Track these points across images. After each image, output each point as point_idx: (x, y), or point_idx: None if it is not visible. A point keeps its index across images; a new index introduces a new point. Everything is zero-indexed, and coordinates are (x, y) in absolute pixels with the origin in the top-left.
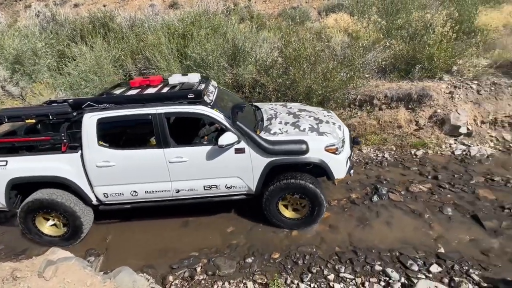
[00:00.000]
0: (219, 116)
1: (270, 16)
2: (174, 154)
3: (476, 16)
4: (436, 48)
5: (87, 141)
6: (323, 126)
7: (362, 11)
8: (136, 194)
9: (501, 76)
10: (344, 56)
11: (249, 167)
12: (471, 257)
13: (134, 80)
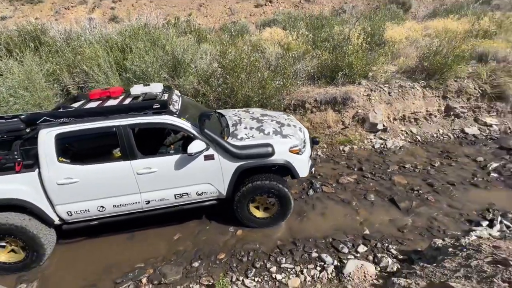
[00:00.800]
0: (186, 125)
1: (211, 30)
2: (142, 166)
3: (385, 30)
4: (354, 57)
5: (45, 158)
6: (286, 129)
7: (293, 25)
8: (103, 209)
9: (406, 79)
10: (277, 65)
11: (219, 172)
12: (390, 234)
13: (93, 92)
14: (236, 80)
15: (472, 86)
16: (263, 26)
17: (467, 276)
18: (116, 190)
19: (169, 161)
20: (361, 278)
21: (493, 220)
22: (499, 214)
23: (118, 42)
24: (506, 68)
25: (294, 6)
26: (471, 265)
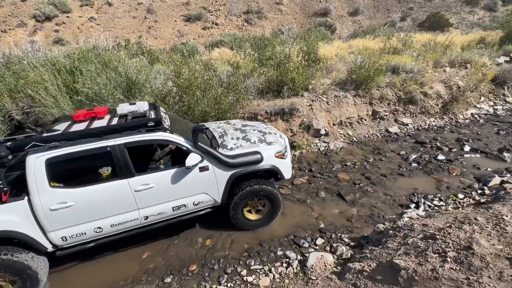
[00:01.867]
0: (180, 140)
1: (162, 51)
2: (139, 182)
3: (318, 49)
4: (295, 73)
5: (36, 184)
6: (268, 137)
7: (239, 46)
8: (100, 230)
9: (339, 90)
10: (229, 82)
11: (214, 182)
12: (341, 225)
13: (77, 113)
14: (192, 98)
15: (390, 93)
16: (212, 46)
17: (406, 253)
18: (114, 210)
19: (166, 176)
20: (322, 268)
21: (418, 202)
22: (422, 197)
23: (66, 64)
24: (413, 77)
25: (238, 28)
26: (408, 242)
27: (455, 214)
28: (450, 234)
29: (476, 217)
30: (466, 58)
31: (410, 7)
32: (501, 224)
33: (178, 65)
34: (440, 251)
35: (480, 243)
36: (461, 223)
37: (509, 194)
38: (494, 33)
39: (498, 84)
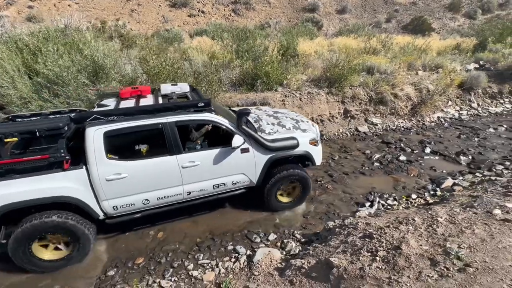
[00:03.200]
0: (225, 121)
1: (143, 35)
2: (186, 159)
3: (298, 44)
4: (270, 67)
5: (94, 155)
6: (302, 124)
7: (220, 36)
8: (147, 202)
9: (313, 87)
10: (199, 72)
11: (253, 163)
12: (296, 221)
13: (124, 90)
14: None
15: (363, 93)
16: (196, 35)
17: (344, 251)
18: (162, 183)
19: (210, 155)
20: (268, 264)
21: (373, 201)
22: (378, 196)
23: (29, 44)
24: (386, 78)
25: (225, 18)
26: (348, 241)
27: (398, 214)
28: (386, 234)
29: (414, 217)
30: (438, 63)
31: (396, 9)
32: (434, 225)
33: (148, 51)
34: (373, 250)
35: (410, 243)
36: (399, 223)
37: (453, 196)
38: (469, 40)
39: (466, 90)
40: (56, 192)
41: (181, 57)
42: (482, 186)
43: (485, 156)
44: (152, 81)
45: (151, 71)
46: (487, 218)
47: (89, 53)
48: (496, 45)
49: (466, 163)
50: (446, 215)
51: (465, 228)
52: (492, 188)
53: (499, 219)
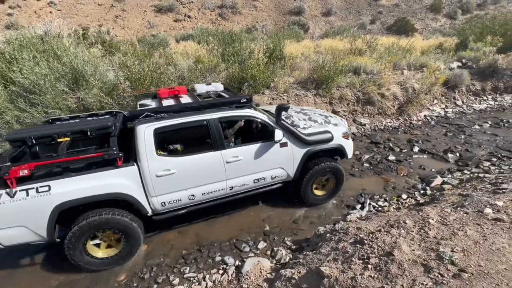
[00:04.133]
0: (264, 117)
1: (128, 42)
2: (230, 154)
3: (284, 47)
4: (256, 70)
5: (145, 152)
6: (332, 119)
7: (206, 40)
8: (193, 197)
9: (300, 89)
10: (183, 78)
11: (291, 158)
12: (287, 227)
13: (162, 90)
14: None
15: (350, 94)
16: (182, 40)
17: (335, 259)
18: (207, 179)
19: (252, 150)
20: (257, 275)
21: (364, 203)
22: (368, 197)
23: (5, 52)
24: (372, 79)
25: (212, 22)
26: (339, 247)
27: (389, 217)
28: (377, 239)
29: (406, 220)
30: (423, 62)
31: (380, 11)
32: (425, 227)
33: (130, 56)
34: (365, 257)
35: (402, 248)
36: (391, 226)
37: (443, 196)
38: (451, 40)
39: (450, 88)
40: (111, 189)
41: (166, 62)
42: (471, 184)
43: (472, 153)
44: (135, 87)
45: (133, 77)
46: (479, 218)
47: (67, 60)
48: (477, 43)
49: (454, 161)
50: (437, 216)
51: (457, 229)
52: (481, 185)
53: (490, 219)
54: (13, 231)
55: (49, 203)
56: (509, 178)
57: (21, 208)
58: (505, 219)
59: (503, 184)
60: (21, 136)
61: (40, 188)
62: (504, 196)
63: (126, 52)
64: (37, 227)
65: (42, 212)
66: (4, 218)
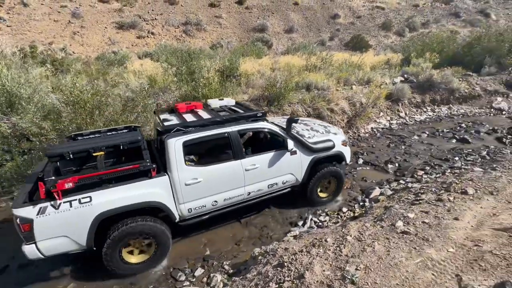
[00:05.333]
0: (277, 128)
1: (82, 60)
2: (249, 163)
3: (239, 65)
4: (207, 89)
5: (175, 162)
6: (331, 129)
7: (165, 59)
8: (216, 203)
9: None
10: (127, 100)
11: (299, 164)
12: (227, 250)
13: (180, 105)
14: (86, 116)
15: (301, 109)
16: (145, 56)
17: (256, 284)
18: (228, 185)
19: (267, 158)
20: None
21: (306, 219)
22: (311, 213)
23: None
24: (322, 94)
25: (176, 39)
26: (262, 272)
27: (317, 234)
28: (296, 260)
29: (327, 238)
30: (370, 77)
31: (337, 29)
32: (342, 245)
33: (79, 75)
34: (280, 281)
35: (314, 270)
36: (313, 245)
37: (372, 208)
38: (397, 56)
39: (394, 101)
40: (146, 198)
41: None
42: (399, 195)
43: (409, 163)
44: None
45: (70, 100)
46: (390, 232)
47: (0, 83)
48: (418, 59)
49: (393, 171)
50: (356, 232)
51: (367, 245)
52: (406, 196)
53: (399, 232)
54: (56, 241)
55: (91, 213)
56: (429, 188)
57: (65, 219)
58: (412, 231)
59: (423, 194)
60: (61, 152)
61: (82, 199)
62: (418, 207)
63: (78, 71)
64: (78, 236)
65: (84, 222)
66: (49, 229)
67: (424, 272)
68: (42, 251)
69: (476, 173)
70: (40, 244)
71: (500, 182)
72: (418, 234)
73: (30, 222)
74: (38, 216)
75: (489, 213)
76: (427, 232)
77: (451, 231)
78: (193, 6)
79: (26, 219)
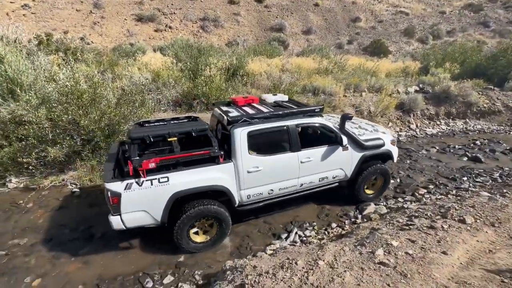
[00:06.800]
0: (331, 124)
1: (102, 49)
2: (304, 156)
3: (247, 64)
4: (208, 87)
5: (240, 151)
6: (379, 128)
7: (175, 53)
8: (272, 192)
9: None
10: (121, 95)
11: (350, 160)
12: (202, 258)
13: (237, 99)
14: (79, 108)
15: None
16: (161, 50)
17: None
18: (285, 176)
19: (321, 152)
20: None
21: (291, 232)
22: (297, 226)
23: None
24: (328, 100)
25: (193, 34)
26: None
27: (291, 254)
28: (259, 284)
29: (298, 260)
30: (383, 85)
31: (357, 32)
32: (311, 271)
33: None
34: None
35: None
36: (281, 267)
37: (358, 229)
38: (415, 64)
39: (406, 112)
40: (214, 182)
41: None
42: (391, 216)
43: (412, 179)
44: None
45: (64, 91)
46: (367, 261)
47: (3, 69)
48: (437, 69)
49: (393, 187)
50: (331, 256)
51: (338, 275)
52: (399, 218)
53: (377, 262)
54: (137, 215)
55: (168, 192)
56: (425, 211)
57: (146, 196)
58: (391, 263)
59: (416, 218)
60: (143, 135)
61: (161, 179)
62: (406, 233)
63: (90, 61)
64: (155, 212)
65: (162, 199)
66: (132, 204)
67: None
68: (125, 223)
69: (481, 198)
70: (124, 216)
71: (505, 212)
72: (397, 267)
73: (118, 196)
74: (125, 191)
75: (485, 249)
76: (407, 266)
77: (436, 267)
78: (212, 2)
79: (115, 192)
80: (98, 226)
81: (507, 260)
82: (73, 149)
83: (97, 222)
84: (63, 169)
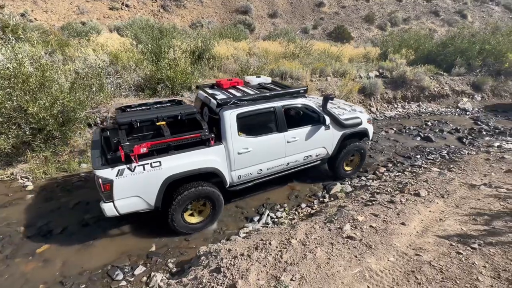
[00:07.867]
0: (314, 105)
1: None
2: (290, 136)
3: (213, 47)
4: (173, 71)
5: (230, 133)
6: (356, 108)
7: (134, 34)
8: (261, 171)
9: None
10: (77, 77)
11: (331, 138)
12: (175, 246)
13: (222, 82)
14: (26, 93)
15: None
16: (117, 30)
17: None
18: (272, 155)
19: (305, 131)
20: None
21: (262, 215)
22: (269, 208)
23: None
24: (295, 84)
25: (153, 14)
26: (198, 276)
27: (264, 235)
28: (234, 266)
29: (272, 240)
30: (347, 70)
31: (321, 17)
32: (284, 249)
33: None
34: None
35: (249, 278)
36: (255, 248)
37: (327, 207)
38: (375, 50)
39: (367, 95)
40: (206, 164)
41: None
42: (356, 193)
43: (373, 159)
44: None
45: (5, 74)
46: (336, 236)
47: None
48: (395, 55)
49: None
50: (303, 235)
51: (310, 251)
52: (362, 195)
53: (345, 237)
54: (130, 201)
55: (161, 176)
56: (385, 188)
57: (139, 181)
58: (357, 236)
59: (378, 194)
60: (130, 120)
61: (154, 163)
62: (370, 208)
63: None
64: (149, 197)
65: (155, 184)
66: (125, 190)
67: (360, 284)
68: (118, 209)
69: (432, 173)
70: (117, 203)
71: (452, 184)
72: (363, 239)
73: (110, 183)
74: (117, 177)
75: (436, 218)
76: (372, 238)
77: (396, 237)
78: None
79: (107, 179)
80: (57, 221)
81: (454, 226)
82: (22, 139)
83: (56, 217)
84: (11, 162)
